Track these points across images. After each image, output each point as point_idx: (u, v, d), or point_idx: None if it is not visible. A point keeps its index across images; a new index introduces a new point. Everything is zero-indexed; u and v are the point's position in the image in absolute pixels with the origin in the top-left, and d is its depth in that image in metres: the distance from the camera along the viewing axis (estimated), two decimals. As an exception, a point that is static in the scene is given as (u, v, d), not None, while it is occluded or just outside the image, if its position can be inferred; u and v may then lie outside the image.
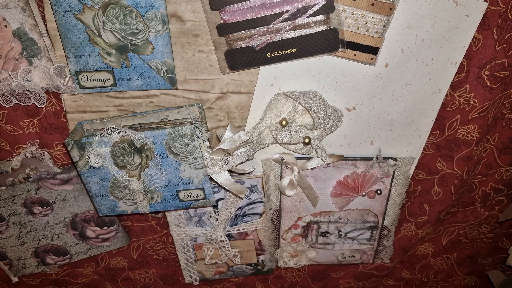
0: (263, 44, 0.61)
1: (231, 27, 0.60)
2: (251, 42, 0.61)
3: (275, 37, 0.60)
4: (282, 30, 0.60)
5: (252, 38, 0.60)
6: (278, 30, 0.60)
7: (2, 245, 0.84)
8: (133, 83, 0.65)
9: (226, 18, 0.59)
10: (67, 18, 0.59)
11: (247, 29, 0.60)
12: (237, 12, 0.59)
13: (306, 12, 0.58)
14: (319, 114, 0.64)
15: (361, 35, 0.60)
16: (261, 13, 0.59)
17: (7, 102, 0.66)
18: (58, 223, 0.83)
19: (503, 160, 0.78)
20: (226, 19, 0.60)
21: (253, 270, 0.92)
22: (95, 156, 0.65)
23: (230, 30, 0.60)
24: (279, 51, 0.62)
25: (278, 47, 0.62)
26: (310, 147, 0.71)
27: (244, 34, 0.61)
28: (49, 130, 0.72)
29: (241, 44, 0.61)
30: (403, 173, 0.76)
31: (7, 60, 0.62)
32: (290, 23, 0.59)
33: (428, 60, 0.65)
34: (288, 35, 0.61)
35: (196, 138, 0.64)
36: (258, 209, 0.81)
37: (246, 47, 0.62)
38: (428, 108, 0.70)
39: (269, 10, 0.59)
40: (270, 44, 0.61)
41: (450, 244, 0.91)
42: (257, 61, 0.63)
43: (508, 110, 0.72)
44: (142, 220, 0.87)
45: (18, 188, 0.77)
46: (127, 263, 0.95)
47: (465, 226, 0.88)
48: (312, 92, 0.66)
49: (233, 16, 0.59)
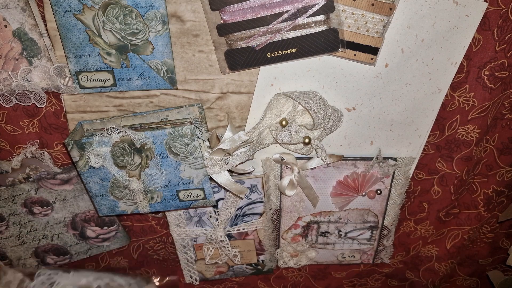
0: (263, 44, 0.61)
1: (231, 27, 0.60)
2: (251, 42, 0.61)
3: (275, 37, 0.60)
4: (282, 30, 0.60)
5: (252, 38, 0.60)
6: (278, 30, 0.60)
7: (2, 245, 0.84)
8: (133, 83, 0.65)
9: (226, 18, 0.59)
10: (67, 18, 0.59)
11: (247, 29, 0.60)
12: (237, 12, 0.59)
13: (306, 12, 0.58)
14: (319, 114, 0.64)
15: (361, 35, 0.60)
16: (261, 13, 0.59)
17: (7, 102, 0.66)
18: (58, 223, 0.83)
19: (503, 160, 0.79)
20: (226, 19, 0.60)
21: (253, 270, 0.92)
22: (95, 156, 0.65)
23: (230, 30, 0.60)
24: (279, 51, 0.62)
25: (278, 47, 0.62)
26: (310, 147, 0.71)
27: (244, 34, 0.61)
28: (49, 130, 0.72)
29: (241, 44, 0.61)
30: (403, 173, 0.76)
31: (7, 60, 0.62)
32: (290, 23, 0.59)
33: (428, 60, 0.65)
34: (288, 35, 0.61)
35: (196, 138, 0.64)
36: (258, 209, 0.81)
37: (246, 47, 0.62)
38: (428, 108, 0.70)
39: (269, 10, 0.59)
40: (270, 44, 0.61)
41: (455, 249, 0.91)
42: (257, 61, 0.63)
43: (508, 110, 0.72)
44: (142, 220, 0.87)
45: (18, 188, 0.77)
46: (128, 263, 0.95)
47: (469, 230, 0.88)
48: (312, 92, 0.66)
49: (233, 16, 0.59)
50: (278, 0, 0.58)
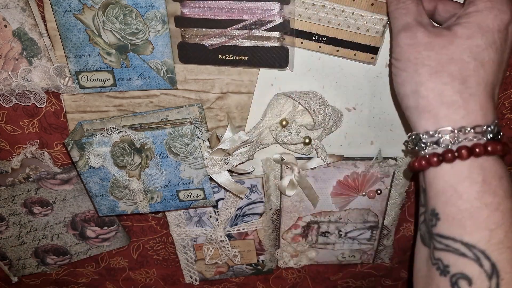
0: (216, 46, 0.62)
1: (188, 22, 0.61)
2: (205, 41, 0.61)
3: (229, 41, 0.61)
4: (237, 37, 0.60)
5: (207, 37, 0.61)
6: (233, 36, 0.61)
7: (2, 245, 0.84)
8: (133, 83, 0.65)
9: (185, 12, 0.60)
10: (67, 18, 0.59)
11: (203, 28, 0.61)
12: (196, 9, 0.59)
13: (262, 26, 0.59)
14: (319, 114, 0.64)
15: (361, 35, 0.60)
16: (220, 16, 0.59)
17: (7, 102, 0.66)
18: (58, 223, 0.83)
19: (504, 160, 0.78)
20: (185, 13, 0.60)
21: (253, 270, 0.92)
22: (95, 156, 0.65)
23: (187, 24, 0.61)
24: (231, 55, 0.63)
25: (230, 52, 0.62)
26: (310, 147, 0.71)
27: (200, 32, 0.61)
28: (49, 130, 0.72)
29: (195, 40, 0.62)
30: (403, 173, 0.76)
31: (7, 60, 0.63)
32: (246, 32, 0.60)
33: (429, 60, 0.64)
34: (241, 43, 0.61)
35: (196, 138, 0.64)
36: (258, 209, 0.81)
37: (199, 44, 0.62)
38: (428, 108, 0.70)
39: (227, 15, 0.59)
40: (223, 47, 0.62)
41: None
42: (208, 60, 0.64)
43: (508, 110, 0.72)
44: (142, 220, 0.87)
45: (18, 188, 0.77)
46: (127, 263, 0.95)
47: None
48: (312, 92, 0.66)
49: (192, 12, 0.60)
50: (238, 8, 0.59)
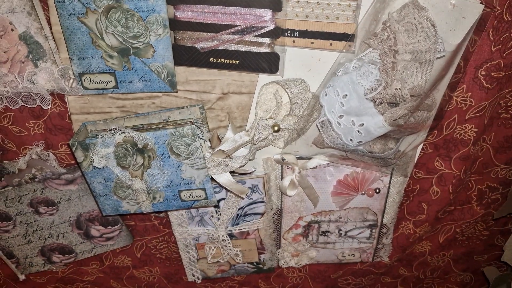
0: (208, 49, 0.63)
1: (181, 25, 0.62)
2: (197, 44, 0.62)
3: (220, 45, 0.62)
4: (228, 41, 0.61)
5: (199, 40, 0.62)
6: (224, 41, 0.61)
7: (9, 243, 0.85)
8: (134, 85, 0.66)
9: (179, 15, 0.61)
10: (71, 21, 0.60)
11: (196, 31, 0.62)
12: (190, 13, 0.60)
13: (254, 31, 0.60)
14: (298, 98, 0.65)
15: (332, 24, 0.59)
16: (212, 20, 0.60)
17: (13, 104, 0.67)
18: (63, 222, 0.84)
19: (498, 159, 0.79)
20: (179, 16, 0.61)
21: (255, 268, 0.93)
22: (98, 157, 0.66)
23: (180, 27, 0.62)
24: (222, 59, 0.64)
25: (222, 55, 0.64)
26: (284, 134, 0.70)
27: (192, 35, 0.62)
28: (54, 131, 0.73)
29: (187, 43, 0.63)
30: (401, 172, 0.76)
31: (13, 63, 0.64)
32: (237, 37, 0.61)
33: (426, 61, 0.65)
34: (233, 47, 0.62)
35: (197, 139, 0.65)
36: (260, 208, 0.81)
37: (191, 46, 0.63)
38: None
39: (220, 20, 0.60)
40: (215, 50, 0.63)
41: (447, 242, 0.91)
42: (200, 63, 0.64)
43: (503, 110, 0.72)
44: (145, 220, 0.87)
45: (25, 188, 0.78)
46: (131, 262, 0.96)
47: (462, 224, 0.88)
48: (298, 79, 0.67)
49: (185, 15, 0.61)
50: (231, 13, 0.60)
